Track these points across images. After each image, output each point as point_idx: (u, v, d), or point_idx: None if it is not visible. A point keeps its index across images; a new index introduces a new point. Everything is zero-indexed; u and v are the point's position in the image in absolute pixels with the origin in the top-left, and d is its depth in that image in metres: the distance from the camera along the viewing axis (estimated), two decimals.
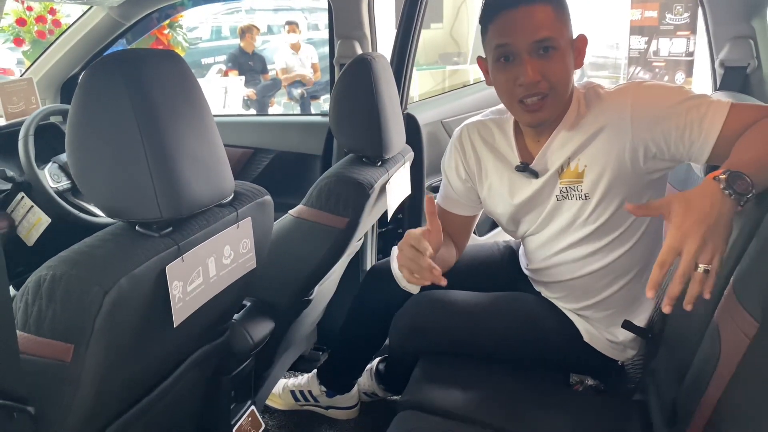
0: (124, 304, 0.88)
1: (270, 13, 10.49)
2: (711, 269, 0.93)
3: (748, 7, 1.71)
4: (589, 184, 1.33)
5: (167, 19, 3.59)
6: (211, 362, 1.37)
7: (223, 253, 1.09)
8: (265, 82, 7.42)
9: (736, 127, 1.15)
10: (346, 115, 1.61)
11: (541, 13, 1.23)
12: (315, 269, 1.58)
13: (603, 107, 1.31)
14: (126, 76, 0.90)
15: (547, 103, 1.27)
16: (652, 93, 1.26)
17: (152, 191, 0.92)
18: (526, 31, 1.23)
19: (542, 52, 1.24)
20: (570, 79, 1.30)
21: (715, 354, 1.07)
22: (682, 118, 1.20)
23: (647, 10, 7.22)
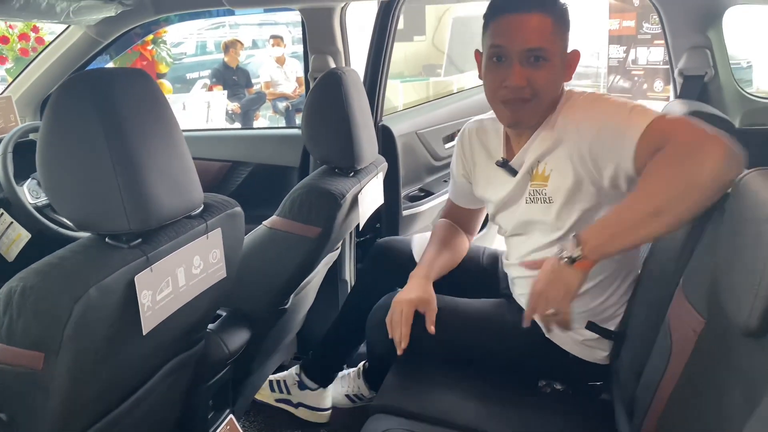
0: (94, 314, 0.92)
1: (255, 27, 10.56)
2: (557, 313, 1.20)
3: (704, 18, 1.77)
4: (552, 188, 1.38)
5: (147, 35, 3.63)
6: (186, 371, 1.40)
7: (193, 263, 1.13)
8: (249, 96, 7.48)
9: (654, 137, 1.17)
10: (318, 128, 1.65)
11: (540, 22, 1.29)
12: (289, 278, 1.62)
13: (566, 114, 1.36)
14: (94, 94, 0.94)
15: (527, 108, 1.34)
16: (593, 104, 1.32)
17: (120, 204, 0.96)
18: (521, 38, 1.29)
19: (533, 60, 1.30)
20: (555, 90, 1.36)
21: (667, 350, 1.12)
22: (611, 128, 1.25)
23: (625, 20, 7.36)
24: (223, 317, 1.58)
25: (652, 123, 1.19)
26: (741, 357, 0.87)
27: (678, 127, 1.15)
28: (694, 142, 1.08)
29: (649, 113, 1.22)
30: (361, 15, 2.37)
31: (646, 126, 1.18)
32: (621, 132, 1.22)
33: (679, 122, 1.18)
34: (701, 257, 1.10)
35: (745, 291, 0.79)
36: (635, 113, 1.23)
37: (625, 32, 7.42)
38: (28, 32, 5.51)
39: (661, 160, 1.12)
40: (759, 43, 6.63)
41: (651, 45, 7.07)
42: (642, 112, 1.23)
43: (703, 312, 1.04)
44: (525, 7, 1.29)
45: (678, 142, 1.10)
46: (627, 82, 7.51)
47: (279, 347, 2.03)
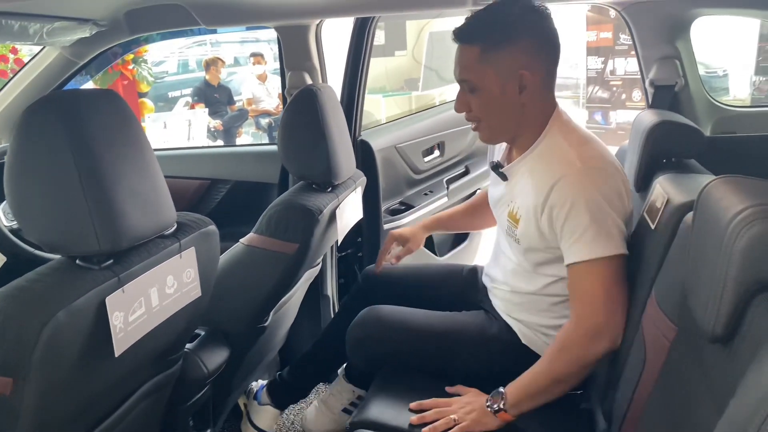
0: (63, 337, 0.91)
1: (236, 45, 10.58)
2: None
3: (672, 29, 1.81)
4: (520, 232, 1.43)
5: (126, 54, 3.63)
6: (165, 392, 1.39)
7: (166, 283, 1.12)
8: (232, 113, 7.47)
9: (579, 281, 1.32)
10: (294, 144, 1.65)
11: (466, 54, 1.36)
12: (268, 295, 1.61)
13: (548, 166, 1.35)
14: (62, 115, 0.94)
15: (482, 129, 1.44)
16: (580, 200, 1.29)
17: (90, 225, 0.95)
18: (455, 67, 1.39)
19: (467, 89, 1.39)
20: (500, 114, 1.39)
21: (641, 358, 1.13)
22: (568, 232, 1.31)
23: (602, 32, 7.47)
24: (201, 336, 1.57)
25: (589, 264, 1.29)
26: (710, 364, 0.88)
27: (590, 303, 1.30)
28: (591, 333, 1.29)
29: (600, 249, 1.28)
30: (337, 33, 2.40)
31: (586, 260, 1.29)
32: (572, 243, 1.31)
33: (596, 297, 1.30)
34: (671, 265, 1.11)
35: (710, 298, 0.80)
36: (593, 240, 1.28)
37: (603, 43, 7.53)
38: (6, 54, 5.50)
39: (565, 342, 1.32)
40: (733, 52, 6.76)
41: (628, 56, 7.17)
42: (596, 243, 1.28)
43: (675, 319, 1.05)
44: (459, 38, 1.37)
45: (580, 327, 1.31)
46: (606, 92, 7.60)
47: (261, 365, 2.02)
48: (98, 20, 1.94)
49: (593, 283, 1.30)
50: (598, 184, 1.30)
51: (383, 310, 1.61)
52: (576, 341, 1.31)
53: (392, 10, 1.90)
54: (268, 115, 7.39)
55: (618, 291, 1.30)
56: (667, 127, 1.49)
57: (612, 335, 1.29)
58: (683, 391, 0.97)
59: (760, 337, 0.72)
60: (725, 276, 0.77)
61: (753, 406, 0.62)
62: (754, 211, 0.76)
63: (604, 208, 1.29)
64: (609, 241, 1.28)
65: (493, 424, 1.34)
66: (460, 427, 1.34)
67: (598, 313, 1.29)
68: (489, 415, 1.34)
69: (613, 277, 1.30)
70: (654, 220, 1.25)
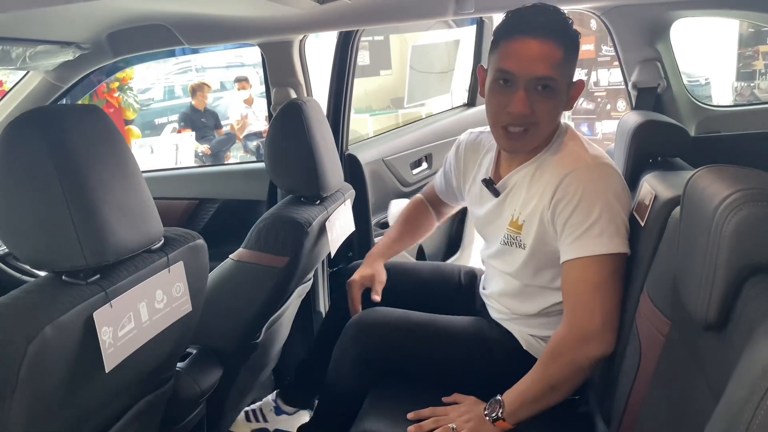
0: (50, 353, 0.89)
1: (222, 70, 10.61)
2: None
3: (652, 32, 1.83)
4: (524, 235, 1.40)
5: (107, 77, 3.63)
6: (157, 412, 1.36)
7: (155, 297, 1.11)
8: (219, 138, 7.48)
9: (573, 281, 1.30)
10: (281, 158, 1.65)
11: (552, 51, 1.25)
12: (259, 311, 1.59)
13: (557, 164, 1.35)
14: (44, 129, 0.94)
15: (528, 136, 1.33)
16: (586, 197, 1.28)
17: (76, 240, 0.94)
18: (532, 65, 1.25)
19: (540, 89, 1.27)
20: (556, 119, 1.36)
21: (637, 354, 1.12)
22: (571, 227, 1.29)
23: (584, 44, 7.54)
24: (193, 355, 1.54)
25: (591, 261, 1.26)
26: (705, 353, 0.87)
27: (585, 305, 1.28)
28: (585, 337, 1.27)
29: (605, 245, 1.26)
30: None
31: (588, 256, 1.27)
32: (575, 238, 1.29)
33: (592, 299, 1.28)
34: (662, 260, 1.11)
35: (702, 285, 0.80)
36: (599, 236, 1.26)
37: (585, 56, 7.59)
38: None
39: (558, 347, 1.30)
40: (714, 59, 6.85)
41: (611, 66, 7.24)
42: (601, 239, 1.26)
43: (668, 313, 1.04)
44: (540, 34, 1.25)
45: (573, 331, 1.29)
46: (590, 103, 7.65)
47: (255, 383, 1.99)
48: (81, 43, 1.94)
49: (591, 284, 1.27)
50: (608, 180, 1.29)
51: (380, 311, 1.58)
52: (570, 346, 1.29)
53: (374, 22, 1.91)
54: (256, 138, 7.39)
55: (615, 293, 1.27)
56: (652, 127, 1.50)
57: (606, 339, 1.27)
58: (680, 383, 0.96)
59: (753, 321, 0.71)
60: (715, 261, 0.77)
61: (748, 387, 0.62)
62: (741, 195, 0.76)
63: (614, 205, 1.27)
64: (614, 238, 1.26)
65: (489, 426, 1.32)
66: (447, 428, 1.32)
67: (593, 316, 1.27)
68: (487, 424, 1.33)
69: (612, 278, 1.27)
70: (643, 218, 1.25)
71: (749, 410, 0.61)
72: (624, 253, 1.27)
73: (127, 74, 6.93)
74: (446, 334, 1.54)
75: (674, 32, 1.88)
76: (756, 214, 0.75)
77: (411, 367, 1.54)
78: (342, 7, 1.67)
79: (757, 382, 0.61)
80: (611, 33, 1.85)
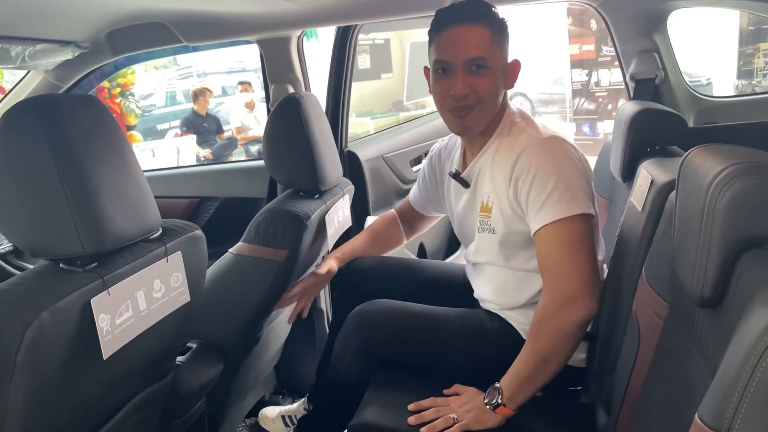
0: (47, 338, 0.89)
1: (223, 75, 10.65)
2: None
3: (649, 23, 1.83)
4: (494, 219, 1.45)
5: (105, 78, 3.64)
6: (157, 405, 1.36)
7: (153, 286, 1.11)
8: (221, 142, 7.50)
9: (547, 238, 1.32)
10: (279, 152, 1.66)
11: (479, 34, 1.37)
12: (259, 304, 1.60)
13: (511, 145, 1.41)
14: (41, 118, 0.94)
15: (474, 113, 1.41)
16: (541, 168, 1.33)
17: (73, 227, 0.94)
18: (463, 49, 1.37)
19: (474, 69, 1.37)
20: (497, 96, 1.42)
21: (636, 339, 1.12)
22: (533, 200, 1.33)
23: (584, 44, 7.56)
24: (194, 349, 1.55)
25: (556, 226, 1.30)
26: (702, 331, 0.87)
27: (560, 271, 1.31)
28: (565, 302, 1.29)
29: (565, 209, 1.29)
30: None
31: (552, 221, 1.30)
32: (538, 209, 1.33)
33: (565, 264, 1.30)
34: (659, 243, 1.11)
35: (697, 260, 0.80)
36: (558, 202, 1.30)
37: (586, 56, 7.61)
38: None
39: (541, 316, 1.32)
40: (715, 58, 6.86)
41: (612, 66, 7.25)
42: (560, 205, 1.30)
43: (666, 296, 1.04)
44: (465, 20, 1.37)
45: (554, 299, 1.31)
46: (592, 104, 7.66)
47: (256, 380, 1.99)
48: (80, 42, 1.95)
49: (561, 249, 1.30)
50: (559, 150, 1.35)
51: (381, 303, 1.58)
52: (552, 313, 1.31)
53: (372, 17, 1.92)
54: (257, 143, 7.41)
55: (587, 255, 1.30)
56: (649, 115, 1.50)
57: (587, 301, 1.29)
58: (678, 364, 0.96)
59: (748, 294, 0.71)
60: (710, 236, 0.77)
61: (743, 356, 0.62)
62: (734, 169, 0.76)
63: (567, 171, 1.32)
64: (573, 202, 1.30)
65: (494, 421, 1.33)
66: (460, 425, 1.32)
67: (570, 280, 1.29)
68: (488, 412, 1.33)
69: (581, 240, 1.30)
70: (641, 203, 1.25)
71: (744, 378, 0.61)
72: (587, 214, 1.31)
73: (129, 80, 6.97)
74: (445, 325, 1.55)
75: (672, 26, 1.89)
76: (748, 186, 0.75)
77: (411, 357, 1.54)
78: (339, 2, 1.68)
79: (751, 350, 0.60)
80: (608, 25, 1.85)
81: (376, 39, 8.01)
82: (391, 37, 7.93)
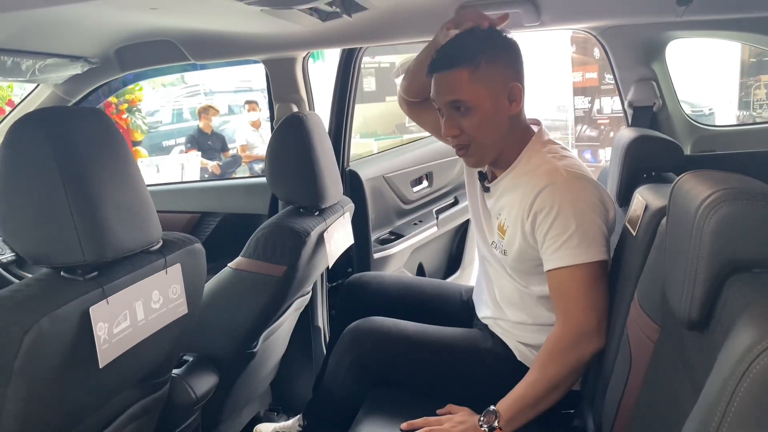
0: (46, 344, 0.91)
1: (230, 94, 10.75)
2: None
3: (648, 52, 1.87)
4: (507, 242, 1.45)
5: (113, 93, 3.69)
6: (152, 417, 1.37)
7: (152, 297, 1.13)
8: (225, 160, 7.55)
9: (562, 279, 1.34)
10: (281, 168, 1.68)
11: (455, 78, 1.37)
12: (256, 319, 1.61)
13: (533, 176, 1.39)
14: (47, 129, 0.97)
15: (471, 152, 1.44)
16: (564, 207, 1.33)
17: (75, 236, 0.96)
18: (442, 93, 1.41)
19: (462, 110, 1.39)
20: (492, 130, 1.41)
21: (627, 362, 1.13)
22: (551, 239, 1.33)
23: (587, 72, 7.64)
24: (190, 362, 1.56)
25: (574, 269, 1.31)
26: (690, 354, 0.88)
27: (576, 306, 1.33)
28: (582, 336, 1.32)
29: (584, 255, 1.31)
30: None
31: (570, 266, 1.32)
32: (556, 249, 1.33)
33: (582, 300, 1.33)
34: (651, 267, 1.13)
35: (685, 283, 0.81)
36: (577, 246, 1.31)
37: (589, 84, 7.69)
38: (2, 106, 5.58)
39: (556, 347, 1.34)
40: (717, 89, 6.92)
41: (614, 94, 7.31)
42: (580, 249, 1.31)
43: (657, 319, 1.05)
44: (443, 66, 1.39)
45: (570, 330, 1.33)
46: (594, 131, 7.73)
47: (252, 396, 1.99)
48: (89, 57, 1.99)
49: (578, 288, 1.32)
50: (583, 192, 1.35)
51: (375, 320, 1.59)
52: (568, 346, 1.33)
53: (376, 41, 1.96)
54: (261, 161, 7.46)
55: (601, 295, 1.33)
56: (645, 142, 1.53)
57: (600, 337, 1.32)
58: (667, 386, 0.97)
59: (733, 316, 0.72)
60: (697, 259, 0.79)
61: (725, 375, 0.63)
62: (722, 194, 0.78)
63: (589, 215, 1.32)
64: (592, 247, 1.31)
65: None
66: None
67: (587, 315, 1.32)
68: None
69: (596, 282, 1.32)
70: (635, 228, 1.27)
71: (725, 397, 0.62)
72: (604, 260, 1.34)
73: (136, 96, 7.03)
74: (440, 343, 1.56)
75: (676, 57, 1.92)
76: (735, 211, 0.76)
77: (405, 375, 1.55)
78: (344, 25, 1.71)
79: (733, 369, 0.62)
80: (607, 52, 1.88)
81: (382, 62, 8.11)
82: (396, 61, 8.01)
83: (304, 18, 1.64)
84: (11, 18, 1.52)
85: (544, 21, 1.67)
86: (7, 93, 5.36)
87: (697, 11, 1.51)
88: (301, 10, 1.53)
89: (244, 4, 1.34)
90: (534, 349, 1.49)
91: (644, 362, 1.07)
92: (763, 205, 0.76)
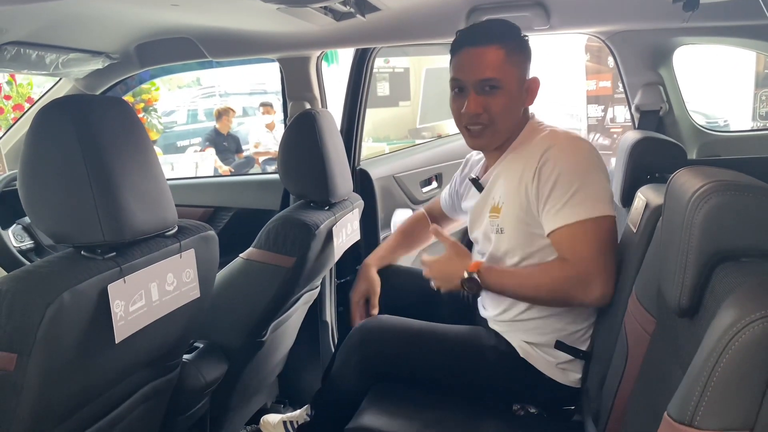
0: (66, 317, 0.96)
1: (245, 96, 10.87)
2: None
3: (655, 57, 1.90)
4: (503, 218, 1.48)
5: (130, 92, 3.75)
6: (163, 399, 1.42)
7: (166, 279, 1.17)
8: (239, 161, 7.64)
9: (565, 241, 1.37)
10: (293, 163, 1.73)
11: (492, 54, 1.42)
12: (266, 309, 1.65)
13: (533, 145, 1.45)
14: (74, 115, 1.02)
15: (487, 133, 1.48)
16: (566, 168, 1.38)
17: (96, 217, 1.02)
18: (475, 70, 1.43)
19: (487, 89, 1.43)
20: (512, 114, 1.48)
21: (624, 354, 1.16)
22: (554, 199, 1.37)
23: (601, 81, 7.66)
24: (200, 348, 1.60)
25: (579, 225, 1.34)
26: (680, 342, 0.91)
27: (581, 253, 1.35)
28: (584, 279, 1.34)
29: (589, 210, 1.34)
30: None
31: (575, 222, 1.35)
32: (559, 208, 1.37)
33: (587, 250, 1.34)
34: (649, 262, 1.16)
35: (676, 271, 0.85)
36: (581, 203, 1.35)
37: (602, 92, 7.71)
38: (22, 103, 5.68)
39: (557, 272, 1.38)
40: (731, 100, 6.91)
41: None
42: (584, 206, 1.35)
43: (653, 312, 1.09)
44: (480, 41, 1.43)
45: (572, 271, 1.36)
46: (606, 139, 7.73)
47: (260, 386, 2.03)
48: (110, 53, 2.05)
49: (583, 241, 1.34)
50: (585, 151, 1.40)
51: (383, 319, 1.64)
52: (569, 282, 1.36)
53: (389, 41, 2.00)
54: (274, 161, 7.53)
55: (609, 250, 1.34)
56: (649, 144, 1.56)
57: (603, 287, 1.33)
58: (661, 375, 1.00)
59: (719, 302, 0.76)
60: (687, 249, 0.82)
61: (707, 351, 0.66)
62: (712, 186, 0.81)
63: (591, 173, 1.37)
64: (597, 203, 1.34)
65: (458, 277, 1.47)
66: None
67: (592, 262, 1.33)
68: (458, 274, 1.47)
69: (605, 237, 1.34)
70: (636, 225, 1.30)
71: (706, 372, 0.65)
72: (610, 216, 1.36)
73: (152, 96, 7.12)
74: (445, 342, 1.59)
75: (690, 67, 1.95)
76: (723, 202, 0.80)
77: (411, 372, 1.58)
78: (358, 25, 1.76)
79: (714, 346, 0.65)
80: (615, 57, 1.92)
81: (396, 68, 8.17)
82: (410, 66, 8.07)
83: (318, 17, 1.69)
84: (38, 13, 1.58)
85: (553, 24, 1.71)
86: (27, 90, 5.45)
87: (703, 17, 1.54)
88: (315, 9, 1.58)
89: (260, 2, 1.39)
90: (536, 346, 1.52)
91: (640, 354, 1.11)
92: (752, 196, 0.80)
